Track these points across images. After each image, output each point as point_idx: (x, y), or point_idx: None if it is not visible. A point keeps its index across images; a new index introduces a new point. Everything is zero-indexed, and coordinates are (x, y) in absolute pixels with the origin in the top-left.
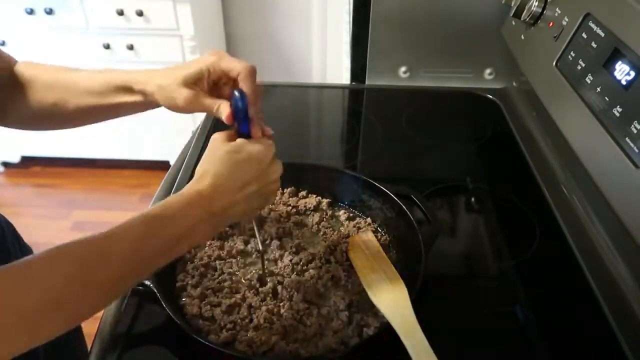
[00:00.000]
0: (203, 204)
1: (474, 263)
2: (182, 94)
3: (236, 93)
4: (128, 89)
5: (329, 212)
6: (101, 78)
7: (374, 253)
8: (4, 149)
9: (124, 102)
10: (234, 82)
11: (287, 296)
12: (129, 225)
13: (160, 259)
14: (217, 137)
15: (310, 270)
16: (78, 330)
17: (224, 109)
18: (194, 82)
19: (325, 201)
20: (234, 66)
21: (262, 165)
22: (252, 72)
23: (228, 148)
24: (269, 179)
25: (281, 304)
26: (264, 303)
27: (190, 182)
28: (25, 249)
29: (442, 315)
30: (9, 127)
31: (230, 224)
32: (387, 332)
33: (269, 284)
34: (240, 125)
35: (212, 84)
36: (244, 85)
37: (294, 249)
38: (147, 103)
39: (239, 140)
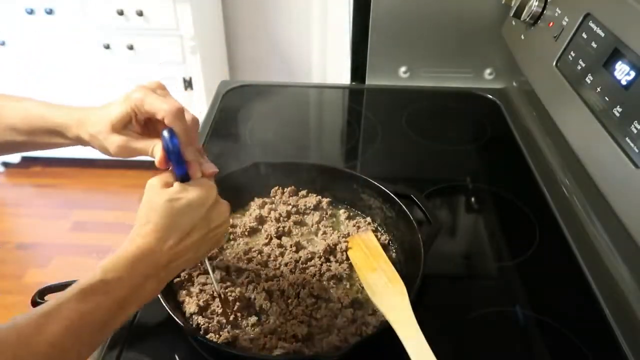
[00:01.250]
0: (147, 260)
1: (474, 263)
2: (113, 143)
3: (165, 134)
4: (60, 133)
5: (329, 212)
6: (33, 117)
7: (374, 252)
8: None
9: (57, 143)
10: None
11: (294, 293)
12: (63, 302)
13: (106, 328)
14: (154, 183)
15: (311, 268)
16: None
17: (156, 152)
18: (123, 126)
19: (325, 200)
20: (158, 108)
21: (203, 211)
22: (179, 113)
23: (166, 196)
24: (214, 223)
25: (289, 301)
26: (272, 301)
27: (130, 236)
28: None
29: (441, 315)
30: None
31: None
32: (386, 331)
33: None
34: (176, 167)
35: (144, 121)
36: (173, 127)
37: (294, 248)
38: (85, 145)
39: (176, 186)
